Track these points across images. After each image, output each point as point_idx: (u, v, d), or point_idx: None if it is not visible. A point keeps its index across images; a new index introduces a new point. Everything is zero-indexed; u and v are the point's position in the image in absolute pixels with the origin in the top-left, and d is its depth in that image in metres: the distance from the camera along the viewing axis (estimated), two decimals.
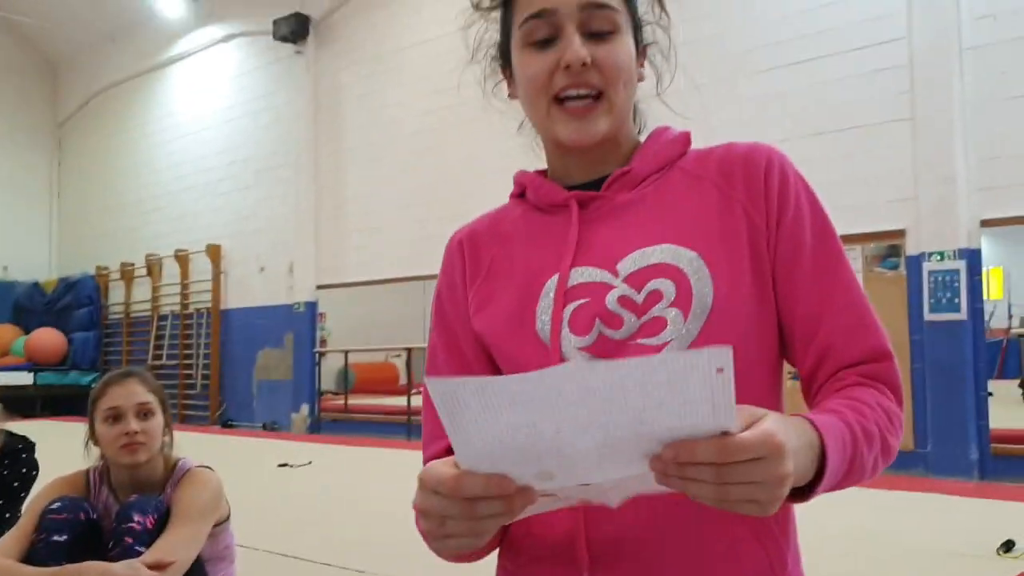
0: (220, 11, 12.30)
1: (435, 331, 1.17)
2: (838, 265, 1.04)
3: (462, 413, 0.71)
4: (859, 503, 5.15)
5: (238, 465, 6.50)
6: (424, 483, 0.78)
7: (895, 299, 6.38)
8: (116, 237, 14.02)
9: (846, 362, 1.00)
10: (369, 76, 10.30)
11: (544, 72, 1.04)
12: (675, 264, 1.00)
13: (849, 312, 1.02)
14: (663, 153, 1.11)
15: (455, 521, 0.77)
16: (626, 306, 1.00)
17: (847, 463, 0.88)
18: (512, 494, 0.75)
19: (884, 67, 6.50)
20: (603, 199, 1.08)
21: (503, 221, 1.16)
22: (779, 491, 0.73)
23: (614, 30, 1.04)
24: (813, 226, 1.04)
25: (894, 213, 6.41)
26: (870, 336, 1.01)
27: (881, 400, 0.97)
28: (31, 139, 15.27)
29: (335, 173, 10.69)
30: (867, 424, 0.92)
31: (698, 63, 7.39)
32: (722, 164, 1.08)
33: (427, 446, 1.11)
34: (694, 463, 0.70)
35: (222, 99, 12.27)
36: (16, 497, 3.15)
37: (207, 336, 12.07)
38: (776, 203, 1.04)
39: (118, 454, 2.52)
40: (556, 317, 1.02)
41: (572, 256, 1.05)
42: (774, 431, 0.72)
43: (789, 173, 1.07)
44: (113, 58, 14.13)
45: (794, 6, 6.92)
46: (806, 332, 1.02)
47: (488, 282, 1.12)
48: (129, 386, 2.57)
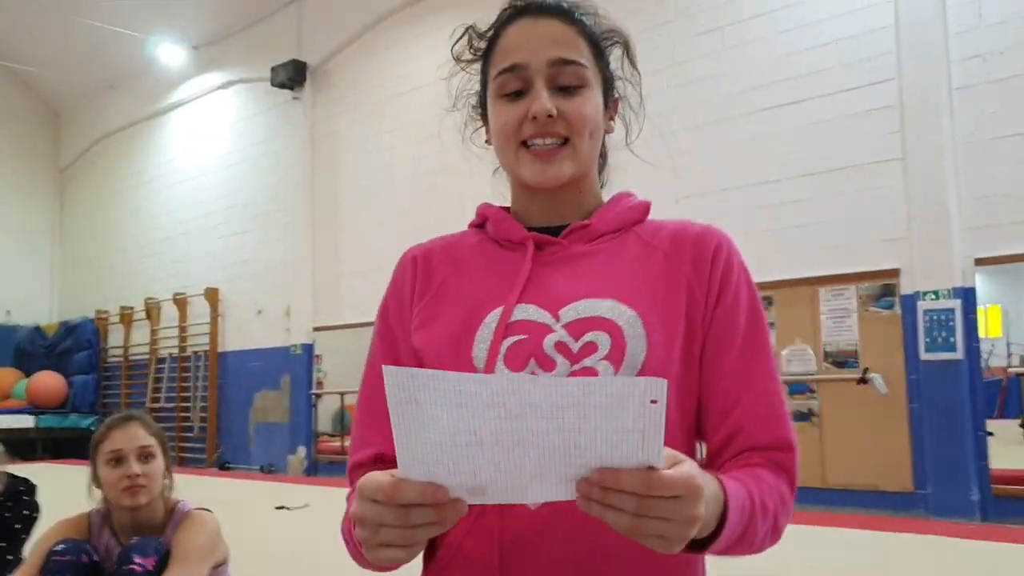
0: (219, 58, 12.47)
1: (378, 341, 1.20)
2: (763, 356, 1.10)
3: (410, 407, 0.74)
4: (859, 545, 5.15)
5: (236, 507, 6.48)
6: (362, 491, 0.81)
7: (890, 339, 6.41)
8: (116, 281, 14.07)
9: (754, 445, 1.05)
10: (364, 122, 10.42)
11: (514, 121, 1.10)
12: (614, 320, 1.05)
13: (765, 400, 1.07)
14: (623, 216, 1.17)
15: (388, 529, 0.79)
16: (561, 351, 1.04)
17: (742, 528, 0.93)
18: (445, 503, 0.77)
19: (874, 107, 6.59)
20: (559, 245, 1.13)
21: (459, 246, 1.21)
22: (688, 530, 0.77)
23: (582, 84, 1.10)
24: (748, 314, 1.10)
25: (887, 252, 6.47)
26: (780, 427, 1.07)
27: (779, 485, 1.03)
28: (34, 185, 15.39)
29: (331, 217, 10.77)
30: (765, 500, 0.98)
31: (690, 105, 7.51)
32: (675, 238, 1.14)
33: (355, 451, 1.15)
34: (618, 490, 0.74)
35: (221, 145, 12.39)
36: (18, 539, 3.16)
37: (205, 379, 12.08)
38: (718, 284, 1.10)
39: (120, 496, 2.55)
40: (493, 348, 1.05)
41: (519, 293, 1.09)
42: (695, 474, 0.77)
43: (734, 260, 1.13)
44: (114, 105, 14.29)
45: (784, 48, 7.03)
46: (723, 409, 1.07)
47: (435, 302, 1.15)
48: (131, 429, 2.61)
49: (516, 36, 1.12)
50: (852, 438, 6.52)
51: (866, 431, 6.46)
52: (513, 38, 1.12)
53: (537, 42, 1.09)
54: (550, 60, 1.08)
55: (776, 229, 6.97)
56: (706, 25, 7.49)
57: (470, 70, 1.23)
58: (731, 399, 1.06)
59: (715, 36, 7.44)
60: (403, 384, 0.73)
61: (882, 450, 6.37)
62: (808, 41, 6.91)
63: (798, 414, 6.75)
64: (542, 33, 1.10)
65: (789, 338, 6.87)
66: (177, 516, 2.65)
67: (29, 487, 3.29)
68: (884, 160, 6.52)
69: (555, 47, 1.09)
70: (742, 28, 7.29)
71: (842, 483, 6.54)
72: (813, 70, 6.88)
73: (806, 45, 6.92)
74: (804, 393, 6.77)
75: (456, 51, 1.22)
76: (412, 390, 0.73)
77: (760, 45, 7.18)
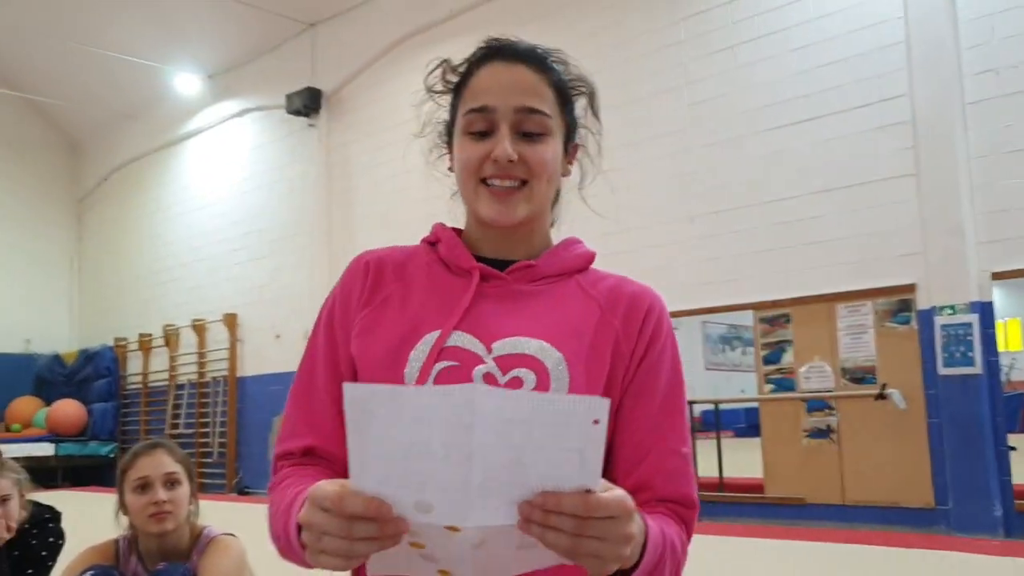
0: (234, 87, 12.60)
1: (320, 334, 1.24)
2: (678, 417, 1.15)
3: (368, 423, 0.76)
4: (880, 562, 5.12)
5: (255, 533, 6.49)
6: (311, 498, 0.84)
7: (908, 354, 6.40)
8: (134, 308, 14.17)
9: (661, 497, 1.11)
10: (378, 147, 10.49)
11: (476, 160, 1.15)
12: (542, 360, 1.10)
13: (675, 458, 1.13)
14: (568, 263, 1.22)
15: (330, 538, 0.82)
16: (489, 382, 1.09)
17: (656, 560, 0.96)
18: (388, 519, 0.80)
19: (887, 123, 6.60)
20: (503, 281, 1.18)
21: (410, 263, 1.26)
22: (623, 549, 0.82)
23: (544, 132, 1.15)
24: (669, 376, 1.16)
25: (903, 268, 6.46)
26: (687, 485, 1.13)
27: (682, 535, 1.08)
28: (52, 215, 15.55)
29: (347, 241, 10.84)
30: (674, 541, 1.03)
31: (704, 124, 7.55)
32: (612, 292, 1.19)
33: (284, 439, 1.19)
34: (559, 512, 0.78)
35: (237, 172, 12.50)
36: (44, 566, 3.20)
37: (224, 404, 12.12)
38: (646, 343, 1.15)
39: (147, 523, 2.58)
40: (425, 369, 1.10)
41: (458, 319, 1.13)
42: (627, 497, 0.82)
43: (664, 323, 1.17)
44: (131, 135, 14.44)
45: (795, 66, 7.07)
46: (633, 461, 1.12)
47: (378, 312, 1.19)
48: (157, 456, 2.64)
49: (487, 78, 1.17)
50: (871, 454, 6.49)
51: (885, 447, 6.43)
52: (484, 80, 1.17)
53: (506, 88, 1.15)
54: (516, 107, 1.14)
55: (791, 246, 6.97)
56: (718, 44, 7.54)
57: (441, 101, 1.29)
58: (643, 451, 1.12)
59: (727, 55, 7.48)
60: (361, 399, 0.77)
61: (902, 466, 6.34)
62: (820, 59, 6.94)
63: (816, 431, 6.73)
64: (512, 79, 1.15)
65: (807, 355, 6.86)
66: (203, 542, 2.67)
67: (54, 514, 3.33)
68: (898, 176, 6.52)
69: (523, 95, 1.14)
70: (754, 47, 7.33)
71: (861, 500, 6.51)
72: (826, 87, 6.90)
73: (818, 63, 6.95)
74: (822, 410, 6.75)
75: (428, 82, 1.29)
76: (371, 404, 0.76)
77: (772, 63, 7.21)
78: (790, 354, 6.97)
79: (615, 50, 8.04)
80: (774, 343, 7.04)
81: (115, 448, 13.54)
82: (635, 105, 7.72)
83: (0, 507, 3.11)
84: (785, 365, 6.97)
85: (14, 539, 3.15)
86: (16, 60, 14.18)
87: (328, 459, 1.15)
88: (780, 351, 7.01)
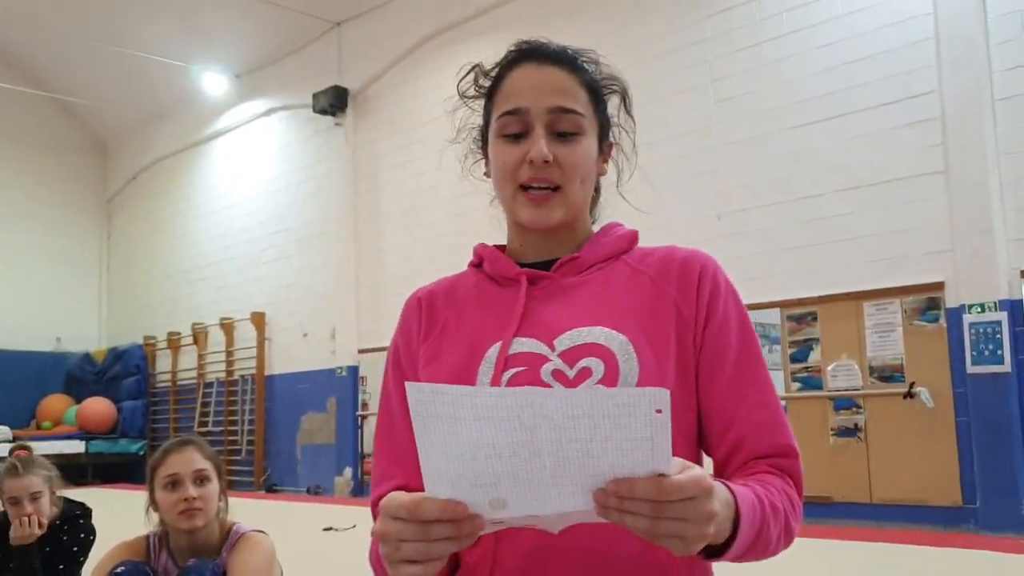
0: (261, 86, 12.69)
1: (390, 379, 1.26)
2: (756, 369, 1.14)
3: (432, 422, 0.78)
4: (907, 561, 5.09)
5: (284, 529, 6.55)
6: (385, 510, 0.85)
7: (936, 352, 6.34)
8: (163, 307, 14.31)
9: (757, 454, 1.10)
10: (404, 145, 10.53)
11: (513, 163, 1.16)
12: (606, 346, 1.10)
13: (763, 411, 1.11)
14: (610, 246, 1.23)
15: (409, 544, 0.83)
16: (558, 379, 1.09)
17: (755, 530, 0.96)
18: (463, 519, 0.81)
19: (916, 120, 6.55)
20: (551, 279, 1.19)
21: (459, 287, 1.27)
22: (705, 528, 0.81)
23: (578, 132, 1.16)
24: (738, 331, 1.15)
25: (931, 265, 6.41)
26: (780, 434, 1.11)
27: (787, 488, 1.06)
28: (82, 214, 15.74)
29: (374, 240, 10.89)
30: (775, 502, 1.01)
31: (730, 121, 7.52)
32: (662, 263, 1.18)
33: (377, 485, 1.20)
34: (633, 498, 0.78)
35: (264, 171, 12.59)
36: (76, 562, 3.25)
37: (252, 402, 12.22)
38: (706, 303, 1.14)
39: (177, 520, 2.61)
40: (495, 381, 1.11)
41: (516, 327, 1.14)
42: (704, 475, 0.81)
43: (720, 280, 1.17)
44: (159, 134, 14.59)
45: (823, 63, 7.02)
46: (722, 424, 1.12)
47: (438, 341, 1.21)
48: (187, 454, 2.68)
49: (520, 81, 1.18)
50: (899, 453, 6.44)
51: (913, 445, 6.38)
52: (517, 82, 1.18)
53: (539, 89, 1.16)
54: (550, 107, 1.15)
55: (819, 244, 6.93)
56: (744, 41, 7.50)
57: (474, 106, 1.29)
58: (729, 414, 1.11)
59: (753, 52, 7.45)
60: (425, 400, 0.78)
61: (929, 464, 6.29)
62: (848, 55, 6.89)
63: (843, 430, 6.69)
64: (544, 80, 1.16)
65: (834, 353, 6.82)
66: (233, 538, 2.71)
67: (85, 511, 3.38)
68: (927, 173, 6.47)
69: (556, 95, 1.15)
70: (780, 43, 7.29)
71: (889, 498, 6.47)
72: (853, 84, 6.85)
73: (846, 59, 6.90)
74: (850, 408, 6.71)
75: (461, 87, 1.29)
76: (434, 405, 0.78)
77: (799, 60, 7.17)
78: (817, 352, 6.93)
79: (639, 48, 8.02)
80: (801, 341, 7.01)
81: (144, 446, 13.68)
82: (659, 103, 7.70)
83: (31, 504, 3.17)
84: (812, 363, 6.94)
85: (45, 535, 3.21)
86: (46, 61, 14.37)
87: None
88: (807, 349, 6.98)
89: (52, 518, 3.24)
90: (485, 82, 1.26)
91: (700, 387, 1.13)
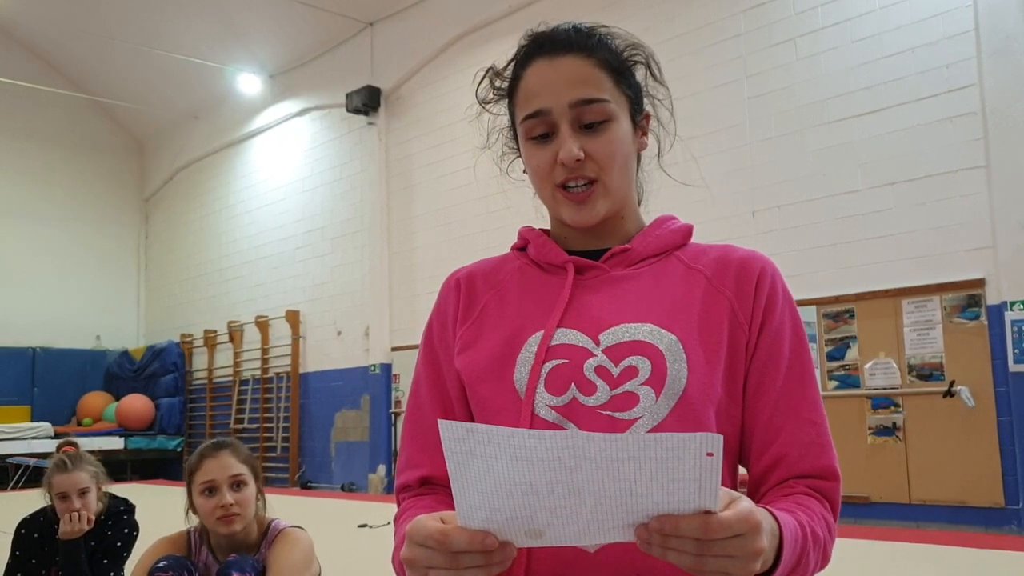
0: (295, 86, 12.77)
1: (422, 362, 1.23)
2: (807, 383, 1.09)
3: (467, 462, 0.75)
4: (947, 562, 5.02)
5: (319, 526, 6.59)
6: (412, 537, 0.82)
7: (977, 350, 6.25)
8: (199, 305, 14.47)
9: (797, 473, 1.05)
10: (437, 144, 10.56)
11: (546, 165, 1.12)
12: (655, 344, 1.04)
13: (809, 429, 1.06)
14: (664, 240, 1.17)
15: (438, 572, 0.81)
16: (602, 376, 1.04)
17: (796, 559, 0.93)
18: (493, 550, 0.78)
19: (956, 114, 6.45)
20: (599, 269, 1.14)
21: (501, 270, 1.22)
22: (752, 564, 0.78)
23: (607, 119, 1.10)
24: (792, 341, 1.09)
25: (972, 262, 6.32)
26: (824, 456, 1.06)
27: (825, 514, 1.02)
28: (120, 214, 15.95)
29: (407, 239, 10.93)
30: (816, 529, 0.98)
31: (765, 117, 7.45)
32: (718, 262, 1.13)
33: (402, 471, 1.18)
34: (678, 536, 0.76)
35: (298, 170, 12.68)
36: (119, 556, 3.30)
37: (287, 399, 12.32)
38: (763, 309, 1.09)
39: (216, 525, 2.64)
40: (534, 372, 1.06)
41: (560, 317, 1.09)
42: (752, 510, 0.78)
43: (779, 286, 1.12)
44: (195, 135, 14.75)
45: (859, 57, 6.94)
46: (766, 437, 1.07)
47: (477, 325, 1.16)
48: (222, 459, 2.69)
49: (535, 79, 1.13)
50: (938, 452, 6.36)
51: (953, 445, 6.30)
52: (533, 81, 1.13)
53: (557, 85, 1.10)
54: (572, 102, 1.09)
55: (856, 241, 6.86)
56: (779, 36, 7.44)
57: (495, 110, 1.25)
58: (775, 428, 1.06)
59: (788, 47, 7.38)
60: (459, 438, 0.75)
61: (970, 464, 6.21)
62: (885, 49, 6.81)
63: (882, 428, 6.62)
64: (560, 75, 1.11)
65: (872, 351, 6.75)
66: (272, 534, 2.73)
67: (129, 507, 3.43)
68: (967, 168, 6.38)
69: (575, 88, 1.10)
70: (816, 38, 7.21)
71: (928, 499, 6.39)
72: (891, 78, 6.77)
73: (883, 53, 6.82)
74: (888, 407, 6.63)
75: (480, 93, 1.25)
76: (468, 443, 0.75)
77: (835, 55, 7.10)
78: (854, 350, 6.86)
79: (672, 44, 7.98)
80: (838, 339, 6.94)
81: (182, 442, 13.84)
82: (693, 99, 7.65)
83: (79, 499, 3.22)
84: (849, 361, 6.87)
85: (91, 530, 3.26)
86: (84, 64, 14.58)
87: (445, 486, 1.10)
88: (844, 347, 6.90)
89: (97, 513, 3.30)
90: (501, 84, 1.22)
91: (748, 396, 1.08)
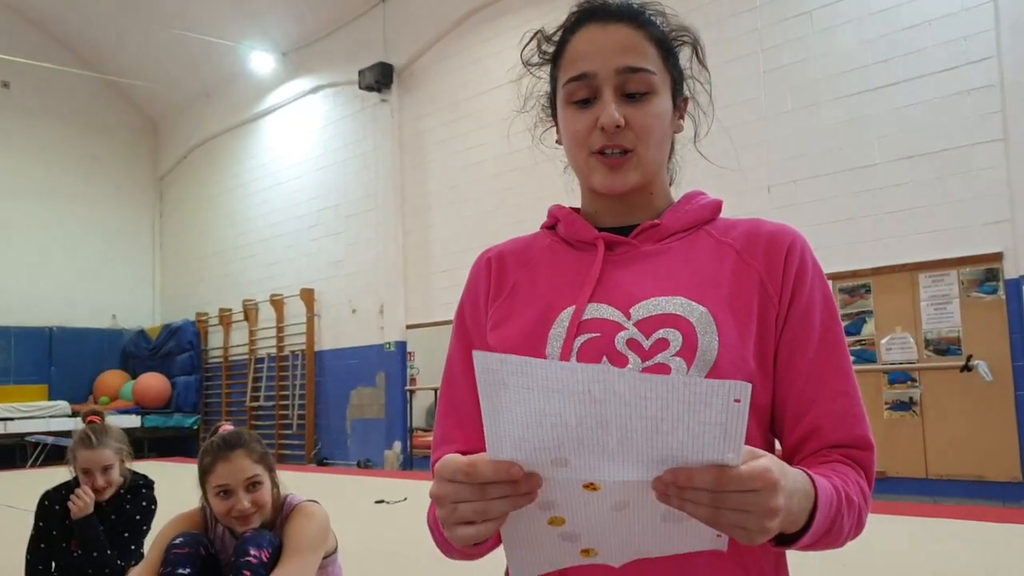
0: (307, 64, 12.75)
1: (454, 341, 1.24)
2: (838, 354, 1.09)
3: (500, 393, 0.77)
4: (964, 536, 5.02)
5: (335, 503, 6.63)
6: (440, 473, 0.84)
7: (995, 324, 6.22)
8: (214, 284, 14.53)
9: (831, 443, 1.05)
10: (450, 121, 10.53)
11: (584, 129, 1.12)
12: (686, 317, 1.05)
13: (843, 399, 1.07)
14: (693, 214, 1.17)
15: (467, 505, 0.82)
16: (633, 348, 1.05)
17: (830, 521, 0.93)
18: (519, 479, 0.80)
19: (974, 87, 6.39)
20: (629, 245, 1.15)
21: (532, 248, 1.23)
22: (768, 522, 0.78)
23: (650, 91, 1.11)
24: (823, 314, 1.10)
25: (990, 236, 6.27)
26: (857, 426, 1.06)
27: (860, 481, 1.03)
28: (135, 194, 16.01)
29: (421, 216, 10.92)
30: (851, 494, 0.98)
31: (780, 91, 7.39)
32: (748, 235, 1.13)
33: (437, 447, 1.18)
34: (692, 488, 0.76)
35: (312, 148, 12.68)
36: (139, 530, 3.34)
37: (302, 377, 12.38)
38: (792, 282, 1.09)
39: (232, 523, 2.64)
40: (566, 346, 1.07)
41: (591, 292, 1.10)
42: (769, 467, 0.78)
43: (808, 258, 1.12)
44: (209, 113, 14.76)
45: (876, 30, 6.86)
46: (799, 408, 1.07)
47: (508, 302, 1.17)
48: (236, 461, 2.65)
49: (584, 43, 1.12)
50: (955, 427, 6.34)
51: (970, 420, 6.27)
52: (581, 45, 1.13)
53: (605, 50, 1.10)
54: (618, 68, 1.09)
55: (872, 215, 6.81)
56: (794, 9, 7.36)
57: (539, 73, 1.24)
58: (807, 399, 1.06)
59: (804, 20, 7.30)
60: (493, 368, 0.77)
61: (987, 439, 6.18)
62: (901, 22, 6.73)
63: (898, 403, 6.60)
64: (610, 40, 1.11)
65: (888, 326, 6.72)
66: (287, 510, 2.74)
67: (148, 482, 3.46)
68: (985, 141, 6.31)
69: (623, 55, 1.10)
70: (832, 11, 7.14)
71: (945, 473, 6.37)
72: (907, 51, 6.69)
73: (899, 26, 6.74)
74: (905, 382, 6.61)
75: (525, 55, 1.24)
76: (502, 374, 0.76)
77: (851, 28, 7.02)
78: (871, 325, 6.83)
79: (687, 17, 7.85)
80: (854, 314, 6.91)
81: (198, 420, 13.94)
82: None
83: (103, 476, 3.26)
84: (865, 336, 6.84)
85: (112, 501, 3.29)
86: (98, 44, 14.58)
87: None
88: (861, 322, 6.87)
89: (118, 487, 3.34)
90: (548, 48, 1.21)
91: (779, 368, 1.08)
